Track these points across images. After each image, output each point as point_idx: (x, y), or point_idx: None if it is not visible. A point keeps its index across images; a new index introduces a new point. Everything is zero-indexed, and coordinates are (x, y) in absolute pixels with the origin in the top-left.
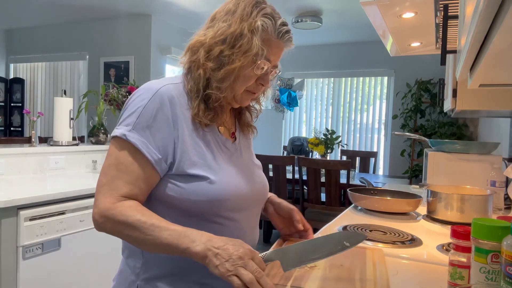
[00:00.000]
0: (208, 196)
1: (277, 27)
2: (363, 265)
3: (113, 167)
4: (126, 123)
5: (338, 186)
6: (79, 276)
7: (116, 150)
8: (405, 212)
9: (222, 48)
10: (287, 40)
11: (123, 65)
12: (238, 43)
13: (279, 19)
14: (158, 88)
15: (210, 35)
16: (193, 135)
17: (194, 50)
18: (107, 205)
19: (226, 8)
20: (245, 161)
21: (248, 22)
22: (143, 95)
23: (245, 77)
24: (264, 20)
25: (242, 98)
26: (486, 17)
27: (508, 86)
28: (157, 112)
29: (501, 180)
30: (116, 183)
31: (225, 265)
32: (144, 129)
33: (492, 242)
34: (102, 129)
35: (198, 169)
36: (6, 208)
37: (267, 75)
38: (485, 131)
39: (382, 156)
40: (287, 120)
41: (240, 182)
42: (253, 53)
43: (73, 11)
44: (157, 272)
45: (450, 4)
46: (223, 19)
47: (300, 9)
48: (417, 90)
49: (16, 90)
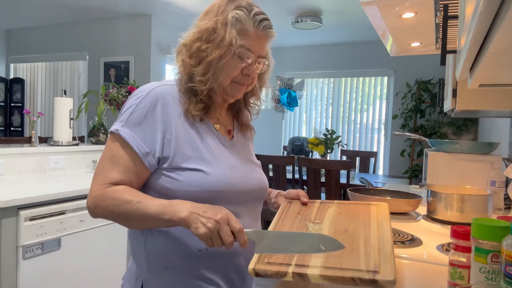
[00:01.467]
0: (203, 187)
1: (252, 17)
2: (367, 228)
3: (107, 159)
4: (120, 119)
5: (338, 186)
6: (79, 276)
7: (110, 143)
8: (405, 212)
9: (199, 44)
10: (264, 28)
11: (123, 65)
12: (212, 37)
13: (254, 9)
14: (152, 89)
15: (190, 36)
16: (188, 131)
17: (178, 52)
18: (96, 191)
19: (204, 11)
20: (244, 158)
21: (222, 17)
22: (138, 95)
23: (227, 68)
24: (236, 12)
25: (233, 90)
26: (486, 17)
27: (508, 86)
28: (148, 110)
29: (501, 180)
30: (108, 172)
31: (202, 228)
32: (135, 125)
33: (492, 242)
34: (102, 129)
35: (192, 162)
36: (6, 208)
37: (251, 65)
38: (485, 131)
39: (382, 156)
40: (287, 120)
41: (234, 175)
42: (227, 43)
43: (73, 11)
44: (160, 265)
45: (450, 4)
46: (201, 19)
47: (300, 9)
48: (417, 90)
49: (16, 90)
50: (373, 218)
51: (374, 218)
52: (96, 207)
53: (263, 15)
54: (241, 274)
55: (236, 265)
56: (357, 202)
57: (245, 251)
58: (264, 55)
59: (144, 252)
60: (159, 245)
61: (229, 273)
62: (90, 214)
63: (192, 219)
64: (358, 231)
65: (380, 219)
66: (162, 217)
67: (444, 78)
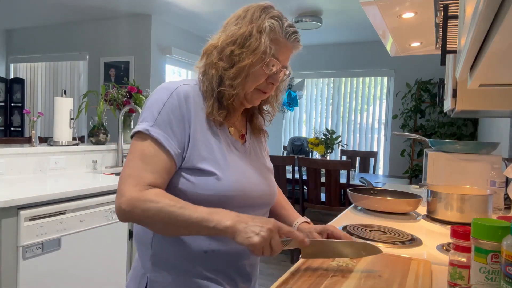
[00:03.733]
0: (215, 190)
1: (284, 28)
2: (403, 278)
3: (138, 159)
4: (146, 119)
5: (338, 186)
6: (79, 276)
7: (139, 144)
8: (405, 212)
9: (232, 48)
10: (294, 41)
11: (123, 65)
12: (247, 43)
13: (287, 21)
14: (175, 88)
15: (222, 38)
16: (205, 133)
17: (208, 53)
18: (134, 193)
19: (236, 15)
20: (255, 162)
21: (257, 24)
22: (162, 94)
23: (255, 75)
24: (271, 21)
25: (253, 97)
26: (486, 17)
27: (508, 86)
28: (175, 109)
29: (501, 180)
30: (141, 173)
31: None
32: (166, 124)
33: (492, 242)
34: (102, 129)
35: (206, 163)
36: (6, 208)
37: (276, 74)
38: (485, 131)
39: (382, 156)
40: (287, 120)
41: (247, 180)
42: (261, 51)
43: (73, 11)
44: (165, 265)
45: (450, 4)
46: (234, 24)
47: (300, 9)
48: (417, 90)
49: (16, 90)
50: (411, 271)
51: (413, 271)
52: (134, 209)
53: (294, 28)
54: (245, 277)
55: (240, 268)
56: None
57: (247, 253)
58: (287, 66)
59: (150, 252)
60: (165, 245)
61: (233, 275)
62: (121, 217)
63: (241, 229)
64: (393, 278)
65: (420, 273)
66: (206, 224)
67: (444, 78)
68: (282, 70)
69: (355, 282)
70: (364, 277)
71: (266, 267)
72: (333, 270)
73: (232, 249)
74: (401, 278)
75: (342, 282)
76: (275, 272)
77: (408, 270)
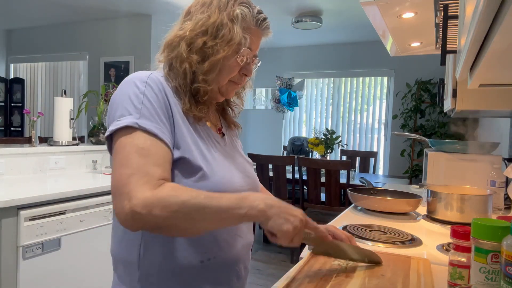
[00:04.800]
0: (206, 187)
1: (255, 15)
2: (406, 277)
3: (134, 155)
4: (130, 112)
5: (338, 186)
6: (79, 276)
7: (129, 139)
8: (405, 212)
9: (204, 39)
10: (265, 28)
11: (123, 65)
12: (220, 33)
13: (255, 7)
14: (148, 76)
15: (189, 27)
16: (186, 125)
17: (173, 45)
18: (146, 192)
19: (201, 1)
20: (235, 156)
21: (227, 12)
22: (136, 85)
23: (229, 68)
24: (242, 9)
25: (227, 89)
26: (486, 17)
27: (508, 86)
28: (156, 98)
29: (501, 180)
30: (145, 169)
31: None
32: (153, 115)
33: (492, 242)
34: (102, 129)
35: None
36: (6, 208)
37: (249, 65)
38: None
39: (382, 156)
40: (287, 120)
41: (234, 175)
42: (236, 42)
43: (73, 11)
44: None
45: (450, 4)
46: (200, 11)
47: (300, 9)
48: (417, 90)
49: (16, 90)
50: (412, 270)
51: (414, 271)
52: (152, 210)
53: (263, 15)
54: (239, 278)
55: (238, 272)
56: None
57: (244, 258)
58: (257, 54)
59: (137, 273)
60: (155, 263)
61: (230, 281)
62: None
63: (274, 213)
64: (396, 277)
65: (421, 271)
66: (238, 211)
67: (444, 78)
68: (253, 60)
69: (359, 281)
70: (367, 276)
71: (266, 267)
72: (336, 270)
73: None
74: (403, 277)
75: (347, 282)
76: (275, 272)
77: (409, 269)
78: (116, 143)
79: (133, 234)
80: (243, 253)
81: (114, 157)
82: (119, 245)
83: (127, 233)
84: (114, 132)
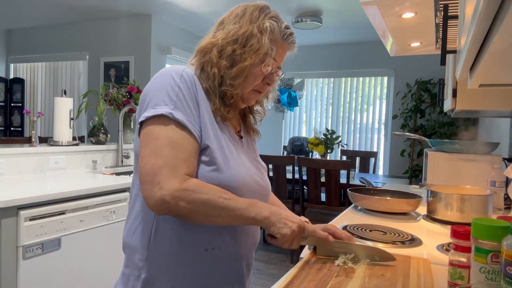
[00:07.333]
0: (219, 180)
1: (282, 29)
2: (406, 276)
3: (167, 147)
4: (165, 103)
5: (338, 186)
6: (79, 276)
7: (163, 129)
8: (405, 212)
9: (234, 47)
10: (291, 42)
11: (123, 65)
12: (249, 43)
13: (283, 22)
14: (183, 69)
15: (221, 36)
16: (212, 121)
17: (206, 51)
18: (176, 185)
19: (234, 13)
20: (251, 159)
21: (257, 24)
22: (172, 77)
23: (254, 76)
24: (271, 22)
25: (249, 97)
26: (486, 17)
27: (508, 86)
28: (189, 92)
29: (501, 180)
30: (175, 162)
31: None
32: (185, 107)
33: (492, 242)
34: (102, 129)
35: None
36: (6, 208)
37: (272, 75)
38: (485, 131)
39: (382, 156)
40: (287, 120)
41: (248, 173)
42: (263, 52)
43: (73, 11)
44: (158, 271)
45: (450, 4)
46: (232, 22)
47: (300, 9)
48: (417, 90)
49: (16, 90)
50: (412, 270)
51: (414, 270)
52: (179, 201)
53: (290, 30)
54: (241, 277)
55: (239, 269)
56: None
57: (248, 256)
58: (280, 66)
59: (146, 252)
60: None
61: (230, 277)
62: (163, 209)
63: (275, 220)
64: (396, 277)
65: (421, 272)
66: (247, 214)
67: (444, 78)
68: (277, 71)
69: (359, 281)
70: (367, 276)
71: (266, 267)
72: (336, 270)
73: (232, 250)
74: (403, 277)
75: (347, 282)
76: (275, 272)
77: (409, 269)
78: (149, 129)
79: (146, 218)
80: (246, 251)
81: (146, 143)
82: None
83: (141, 217)
84: (148, 119)
